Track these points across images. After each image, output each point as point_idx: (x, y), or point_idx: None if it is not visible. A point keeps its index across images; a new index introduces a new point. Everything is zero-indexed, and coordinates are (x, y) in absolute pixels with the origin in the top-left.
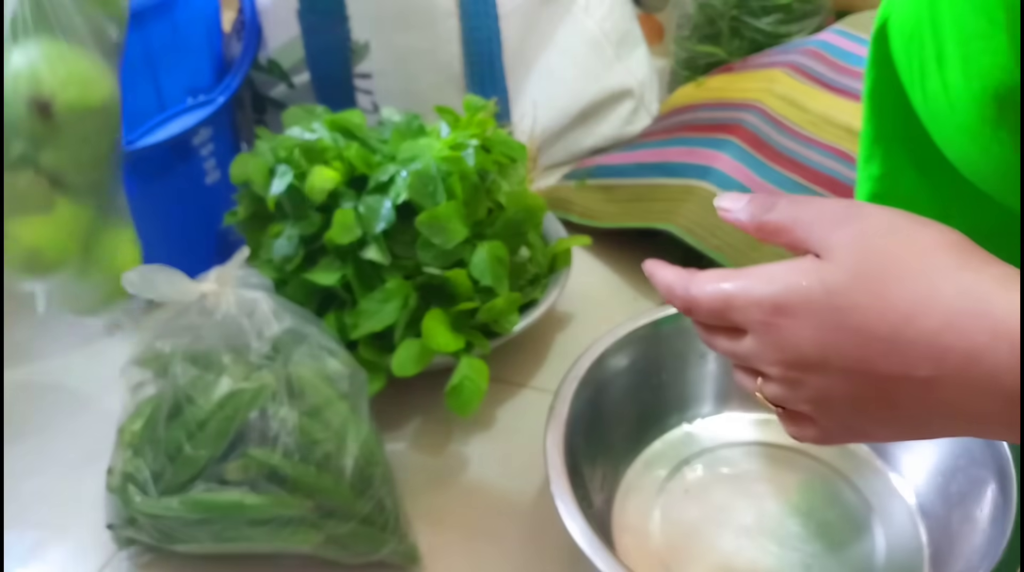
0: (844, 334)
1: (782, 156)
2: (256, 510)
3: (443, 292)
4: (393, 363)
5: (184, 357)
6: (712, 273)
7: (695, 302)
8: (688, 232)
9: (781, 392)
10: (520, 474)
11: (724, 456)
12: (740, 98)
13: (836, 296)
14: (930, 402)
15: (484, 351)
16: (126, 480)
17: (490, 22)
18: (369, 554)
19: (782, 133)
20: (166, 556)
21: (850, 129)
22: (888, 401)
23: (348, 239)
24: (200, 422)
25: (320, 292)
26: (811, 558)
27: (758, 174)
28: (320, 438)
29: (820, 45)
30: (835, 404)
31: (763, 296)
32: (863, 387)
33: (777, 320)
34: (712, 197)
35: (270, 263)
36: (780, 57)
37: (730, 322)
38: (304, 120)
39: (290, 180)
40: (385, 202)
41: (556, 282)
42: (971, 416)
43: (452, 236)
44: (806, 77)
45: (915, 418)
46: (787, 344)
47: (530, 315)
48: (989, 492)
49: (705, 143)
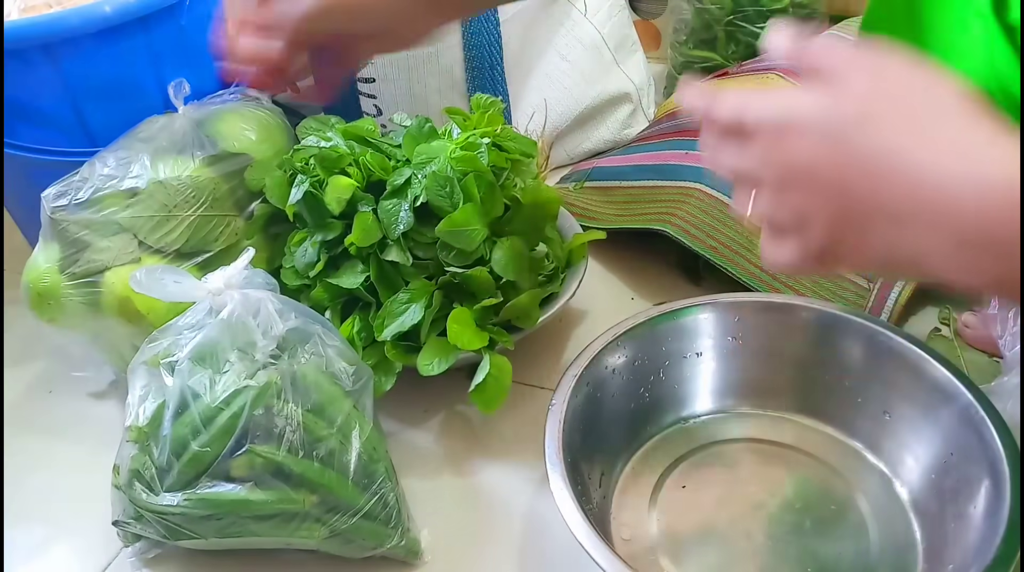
0: (838, 154)
1: None
2: (261, 506)
3: (465, 290)
4: (419, 363)
5: (191, 355)
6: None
7: (718, 105)
8: (684, 233)
9: (769, 204)
10: (519, 470)
11: (720, 453)
12: None
13: (841, 120)
14: (899, 240)
15: (508, 346)
16: (132, 477)
17: (491, 27)
18: (372, 549)
19: None
20: (171, 552)
21: None
22: (862, 229)
23: (369, 242)
24: (206, 419)
25: (344, 295)
26: (806, 554)
27: None
28: (324, 435)
29: None
30: (815, 222)
31: (777, 104)
32: (842, 210)
33: (784, 127)
34: (708, 199)
35: (294, 270)
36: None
37: (741, 128)
38: (318, 130)
39: (307, 188)
40: (403, 205)
41: (573, 276)
42: (933, 260)
43: (473, 239)
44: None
45: (884, 251)
46: (786, 152)
47: (549, 309)
48: (982, 489)
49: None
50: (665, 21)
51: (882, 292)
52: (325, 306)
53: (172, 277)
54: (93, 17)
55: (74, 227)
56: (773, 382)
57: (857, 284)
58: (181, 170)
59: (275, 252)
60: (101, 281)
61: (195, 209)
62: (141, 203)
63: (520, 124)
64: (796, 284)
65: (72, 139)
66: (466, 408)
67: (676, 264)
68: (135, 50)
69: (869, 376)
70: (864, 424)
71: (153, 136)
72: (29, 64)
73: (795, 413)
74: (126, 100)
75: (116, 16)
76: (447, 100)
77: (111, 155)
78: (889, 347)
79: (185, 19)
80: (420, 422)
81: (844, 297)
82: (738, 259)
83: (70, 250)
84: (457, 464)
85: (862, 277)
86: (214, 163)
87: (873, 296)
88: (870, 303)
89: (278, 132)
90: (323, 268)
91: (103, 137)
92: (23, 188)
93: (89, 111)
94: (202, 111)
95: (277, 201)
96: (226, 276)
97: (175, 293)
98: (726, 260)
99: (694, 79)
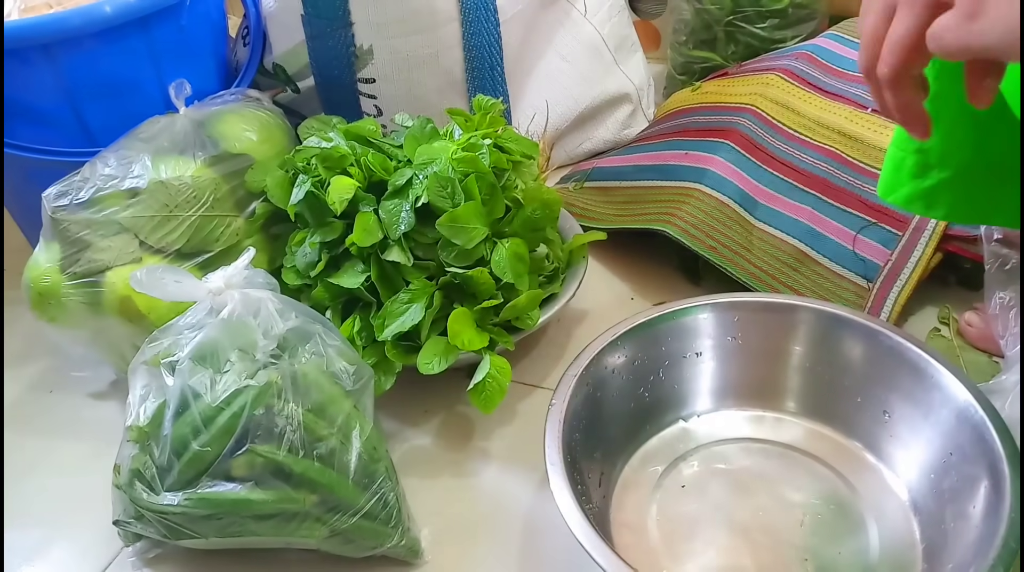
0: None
1: (775, 159)
2: (261, 505)
3: (465, 290)
4: (419, 362)
5: (191, 355)
6: None
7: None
8: (684, 233)
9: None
10: (520, 470)
11: (720, 452)
12: (735, 102)
13: None
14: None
15: (508, 347)
16: (133, 476)
17: (491, 27)
18: (372, 548)
19: (776, 136)
20: (172, 551)
21: (842, 131)
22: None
23: (370, 242)
24: (206, 419)
25: (345, 295)
26: (807, 553)
27: (752, 176)
28: (325, 434)
29: (814, 49)
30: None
31: None
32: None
33: None
34: (708, 199)
35: (295, 270)
36: (775, 62)
37: None
38: (320, 130)
39: (309, 188)
40: (404, 205)
41: (574, 276)
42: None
43: (472, 236)
44: (800, 81)
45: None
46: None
47: (549, 310)
48: (982, 489)
49: (700, 146)
50: (665, 21)
51: (881, 292)
52: (326, 306)
53: (173, 277)
54: (93, 17)
55: (75, 227)
56: (773, 382)
57: (856, 284)
58: (182, 170)
59: (276, 252)
60: (102, 281)
61: (196, 209)
62: (142, 203)
63: (521, 125)
64: (795, 284)
65: (72, 139)
66: (466, 408)
67: (676, 264)
68: (135, 50)
69: (869, 376)
70: (864, 424)
71: (154, 136)
72: (29, 64)
73: (795, 413)
74: (126, 100)
75: (116, 16)
76: (447, 101)
77: (112, 155)
78: (889, 347)
79: (185, 19)
80: (420, 422)
81: (843, 297)
82: (738, 259)
83: (71, 250)
84: (457, 464)
85: (861, 277)
86: (215, 163)
87: (872, 296)
88: (869, 303)
89: (279, 133)
90: (324, 268)
91: (103, 137)
92: (23, 188)
93: (89, 111)
94: (203, 112)
95: (278, 201)
96: (227, 276)
97: (176, 293)
98: (726, 260)
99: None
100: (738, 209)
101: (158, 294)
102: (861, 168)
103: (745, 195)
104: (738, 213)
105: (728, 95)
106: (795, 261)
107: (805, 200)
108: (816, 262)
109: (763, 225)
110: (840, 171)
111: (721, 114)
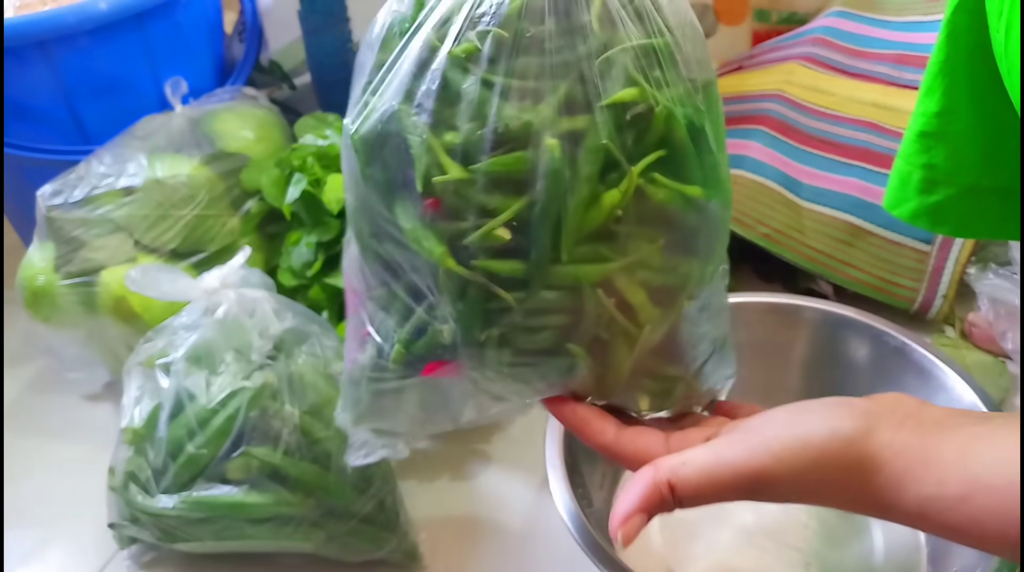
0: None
1: (812, 137)
2: (257, 509)
3: None
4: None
5: (186, 356)
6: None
7: None
8: (735, 222)
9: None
10: (520, 473)
11: None
12: (760, 90)
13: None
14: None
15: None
16: (128, 479)
17: None
18: (370, 553)
19: (809, 116)
20: (167, 555)
21: (877, 104)
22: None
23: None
24: (202, 421)
25: (341, 296)
26: (811, 557)
27: (791, 157)
28: (321, 437)
29: (827, 32)
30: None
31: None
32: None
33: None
34: (750, 184)
35: (291, 270)
36: (791, 51)
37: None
38: (316, 128)
39: (305, 187)
40: None
41: None
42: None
43: None
44: (823, 67)
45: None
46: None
47: None
48: None
49: (733, 135)
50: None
51: (941, 252)
52: (322, 306)
53: (168, 276)
54: (89, 14)
55: (69, 225)
56: (777, 382)
57: (916, 249)
58: (178, 169)
59: (271, 251)
60: (96, 280)
61: (191, 208)
62: (137, 202)
63: None
64: (853, 260)
65: (67, 137)
66: None
67: (731, 251)
68: (130, 48)
69: (874, 376)
70: None
71: (150, 134)
72: (24, 62)
73: None
74: (121, 98)
75: (111, 13)
76: None
77: (107, 153)
78: (894, 348)
79: (181, 16)
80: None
81: (903, 265)
82: (793, 244)
83: (65, 249)
84: (456, 467)
85: (919, 241)
86: (211, 162)
87: (932, 257)
88: (931, 265)
89: (275, 131)
90: (320, 268)
91: (98, 135)
92: (17, 186)
93: (84, 109)
94: (199, 109)
95: (274, 200)
96: (222, 275)
97: (170, 292)
98: (784, 247)
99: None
100: (783, 191)
101: (153, 294)
102: (900, 134)
103: (787, 177)
104: (784, 195)
105: (750, 86)
106: (849, 236)
107: (850, 172)
108: (871, 234)
109: (811, 205)
110: (880, 138)
111: (748, 102)
